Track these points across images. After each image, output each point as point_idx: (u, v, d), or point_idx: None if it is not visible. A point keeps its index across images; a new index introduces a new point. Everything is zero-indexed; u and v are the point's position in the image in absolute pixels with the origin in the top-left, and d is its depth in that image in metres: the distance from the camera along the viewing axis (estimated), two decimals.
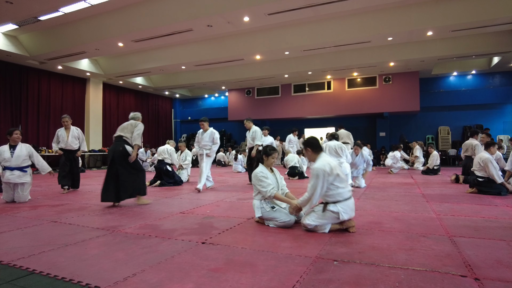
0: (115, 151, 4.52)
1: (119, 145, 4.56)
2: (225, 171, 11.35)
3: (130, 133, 4.68)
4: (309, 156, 3.26)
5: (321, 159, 3.11)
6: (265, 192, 3.31)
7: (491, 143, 5.74)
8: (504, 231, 3.05)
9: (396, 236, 2.91)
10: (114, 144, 4.68)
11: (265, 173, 3.41)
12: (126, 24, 8.92)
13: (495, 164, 5.50)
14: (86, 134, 14.39)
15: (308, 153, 3.23)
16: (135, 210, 4.28)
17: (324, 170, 2.96)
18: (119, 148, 4.53)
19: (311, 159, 3.23)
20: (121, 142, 4.59)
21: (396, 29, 9.00)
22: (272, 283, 1.92)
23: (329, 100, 14.81)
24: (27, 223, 3.55)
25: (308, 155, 3.25)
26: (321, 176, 2.95)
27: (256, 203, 3.42)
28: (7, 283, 1.97)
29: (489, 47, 10.53)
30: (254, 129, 6.72)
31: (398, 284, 1.89)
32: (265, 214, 3.34)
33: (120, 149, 4.52)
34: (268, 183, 3.34)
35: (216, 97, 20.00)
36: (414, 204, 4.50)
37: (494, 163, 5.47)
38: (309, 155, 3.24)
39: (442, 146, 14.25)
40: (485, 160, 5.49)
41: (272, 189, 3.32)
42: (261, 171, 3.41)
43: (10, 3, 7.64)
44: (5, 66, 11.51)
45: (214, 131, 6.14)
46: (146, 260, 2.32)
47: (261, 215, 3.36)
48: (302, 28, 9.82)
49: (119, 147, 4.55)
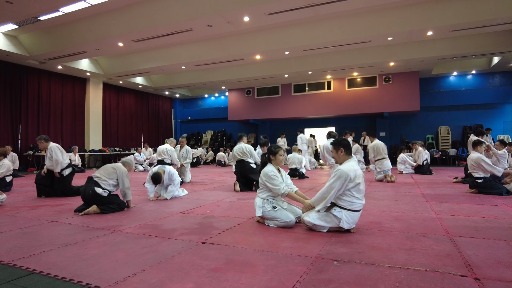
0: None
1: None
2: (225, 171, 11.35)
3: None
4: (338, 157, 3.13)
5: (349, 163, 3.03)
6: (278, 189, 3.29)
7: (477, 142, 5.73)
8: (504, 231, 3.05)
9: (396, 236, 2.91)
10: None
11: (275, 172, 3.40)
12: (126, 24, 8.92)
13: (488, 161, 5.52)
14: (86, 134, 14.42)
15: (340, 154, 3.10)
16: (135, 210, 4.28)
17: (348, 174, 2.88)
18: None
19: (339, 161, 3.13)
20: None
21: (396, 29, 8.99)
22: (272, 283, 1.92)
23: (329, 100, 14.81)
24: (27, 223, 3.55)
25: (339, 155, 3.11)
26: (342, 179, 2.88)
27: (258, 202, 3.41)
28: (7, 283, 1.97)
29: (489, 47, 10.53)
30: (248, 148, 6.40)
31: (398, 284, 1.89)
32: (266, 214, 3.33)
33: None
34: (280, 181, 3.34)
35: (216, 97, 19.99)
36: (414, 204, 4.50)
37: (485, 159, 5.49)
38: (340, 156, 3.11)
39: (442, 146, 14.25)
40: (476, 160, 5.51)
41: (285, 187, 3.31)
42: (271, 170, 3.39)
43: (10, 3, 7.63)
44: (5, 66, 11.51)
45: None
46: (146, 260, 2.32)
47: (261, 215, 3.36)
48: (302, 28, 9.81)
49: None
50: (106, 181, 4.23)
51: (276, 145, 3.61)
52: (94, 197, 4.07)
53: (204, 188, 6.54)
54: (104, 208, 4.09)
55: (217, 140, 18.37)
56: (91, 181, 4.19)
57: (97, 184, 4.17)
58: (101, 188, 4.14)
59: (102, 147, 14.70)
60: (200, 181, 8.04)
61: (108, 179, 4.25)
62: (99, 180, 4.21)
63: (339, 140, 3.19)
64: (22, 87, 12.13)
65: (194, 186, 6.98)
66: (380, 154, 7.74)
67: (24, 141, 12.20)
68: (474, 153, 5.64)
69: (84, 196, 4.16)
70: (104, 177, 4.24)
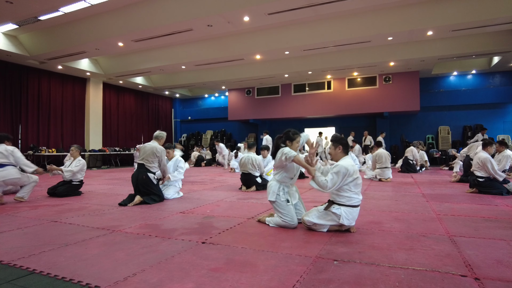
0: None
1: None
2: (225, 171, 11.35)
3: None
4: (335, 154, 3.17)
5: (346, 159, 3.09)
6: (291, 155, 3.16)
7: (488, 143, 5.71)
8: (504, 230, 3.05)
9: (396, 235, 2.91)
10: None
11: (292, 151, 3.23)
12: (126, 24, 8.92)
13: (494, 163, 5.50)
14: (86, 134, 14.41)
15: (337, 151, 3.15)
16: (135, 210, 4.29)
17: (347, 169, 2.94)
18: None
19: (336, 158, 3.17)
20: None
21: (396, 29, 8.99)
22: (272, 283, 1.92)
23: (329, 100, 14.81)
24: (27, 223, 3.55)
25: (336, 152, 3.16)
26: (341, 174, 2.93)
27: (274, 187, 3.33)
28: (7, 283, 1.97)
29: (489, 47, 10.52)
30: (258, 161, 6.21)
31: (398, 283, 1.89)
32: (277, 202, 3.27)
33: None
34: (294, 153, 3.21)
35: (216, 97, 19.99)
36: (414, 204, 4.50)
37: (493, 162, 5.47)
38: (337, 153, 3.16)
39: (442, 146, 14.25)
40: (483, 160, 5.48)
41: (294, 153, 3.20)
42: (289, 150, 3.22)
43: (10, 3, 7.63)
44: (5, 66, 11.51)
45: (180, 159, 5.80)
46: (146, 260, 2.33)
47: (274, 200, 3.30)
48: (302, 28, 9.81)
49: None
50: (152, 164, 4.89)
51: (294, 130, 3.44)
52: (146, 182, 4.76)
53: (204, 188, 6.54)
54: (148, 199, 4.72)
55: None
56: (143, 167, 4.82)
57: (148, 170, 4.82)
58: (152, 173, 4.85)
59: (102, 147, 14.69)
60: (200, 181, 8.04)
61: (153, 162, 4.89)
62: (148, 165, 4.84)
63: (339, 138, 3.22)
64: (22, 87, 12.13)
65: (194, 186, 6.98)
66: (383, 164, 7.73)
67: (24, 141, 12.19)
68: (483, 153, 5.59)
69: (136, 181, 4.79)
70: (150, 162, 4.86)
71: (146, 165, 4.89)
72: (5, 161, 4.89)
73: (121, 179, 8.54)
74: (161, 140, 5.20)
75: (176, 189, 5.42)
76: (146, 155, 4.92)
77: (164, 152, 5.08)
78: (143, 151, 5.01)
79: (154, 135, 5.23)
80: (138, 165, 4.98)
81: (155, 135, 5.22)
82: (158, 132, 5.30)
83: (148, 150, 4.95)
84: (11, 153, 4.93)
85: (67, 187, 5.62)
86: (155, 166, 5.00)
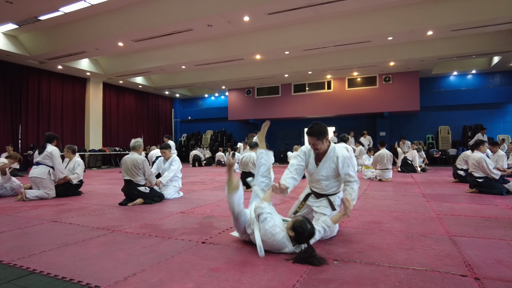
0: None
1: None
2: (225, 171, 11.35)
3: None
4: (323, 146, 3.00)
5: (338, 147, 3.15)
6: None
7: (480, 142, 5.73)
8: (504, 230, 3.05)
9: (396, 235, 2.91)
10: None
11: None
12: (126, 24, 8.92)
13: (490, 162, 5.51)
14: (86, 133, 14.42)
15: (325, 142, 3.00)
16: (135, 210, 4.29)
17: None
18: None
19: (323, 149, 3.00)
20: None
21: (396, 29, 8.99)
22: (272, 283, 1.92)
23: (329, 99, 14.81)
24: (27, 223, 3.55)
25: (324, 144, 3.00)
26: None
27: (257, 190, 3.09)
28: (7, 283, 1.97)
29: (489, 47, 10.53)
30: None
31: (398, 283, 1.89)
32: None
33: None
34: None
35: (216, 97, 19.99)
36: (414, 204, 4.50)
37: (487, 160, 5.49)
38: (324, 145, 3.00)
39: (442, 146, 14.25)
40: (478, 160, 5.51)
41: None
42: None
43: (10, 3, 7.63)
44: (5, 66, 11.51)
45: (175, 158, 5.54)
46: (146, 260, 2.32)
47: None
48: (302, 28, 9.81)
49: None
50: (138, 176, 4.78)
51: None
52: (139, 195, 4.74)
53: (204, 188, 6.54)
54: (149, 201, 4.78)
55: (217, 140, 18.39)
56: (131, 183, 4.74)
57: (137, 184, 4.76)
58: (142, 186, 4.79)
59: (102, 147, 14.69)
60: (200, 181, 8.04)
61: (138, 174, 4.77)
62: (135, 179, 4.75)
63: (324, 131, 3.04)
64: (22, 87, 12.13)
65: (194, 186, 6.98)
66: (384, 165, 7.71)
67: (24, 141, 12.19)
68: (477, 153, 5.62)
69: (129, 196, 4.76)
70: (136, 175, 4.75)
71: (133, 181, 4.73)
72: (46, 161, 5.39)
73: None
74: (139, 149, 4.89)
75: (176, 189, 5.40)
76: (128, 170, 4.71)
77: (145, 162, 4.80)
78: (124, 167, 4.74)
79: (131, 146, 4.94)
80: (125, 181, 4.79)
81: (131, 146, 4.92)
82: (133, 141, 4.97)
83: (130, 164, 4.71)
84: (51, 156, 5.38)
85: (67, 187, 5.62)
86: (142, 178, 4.82)
